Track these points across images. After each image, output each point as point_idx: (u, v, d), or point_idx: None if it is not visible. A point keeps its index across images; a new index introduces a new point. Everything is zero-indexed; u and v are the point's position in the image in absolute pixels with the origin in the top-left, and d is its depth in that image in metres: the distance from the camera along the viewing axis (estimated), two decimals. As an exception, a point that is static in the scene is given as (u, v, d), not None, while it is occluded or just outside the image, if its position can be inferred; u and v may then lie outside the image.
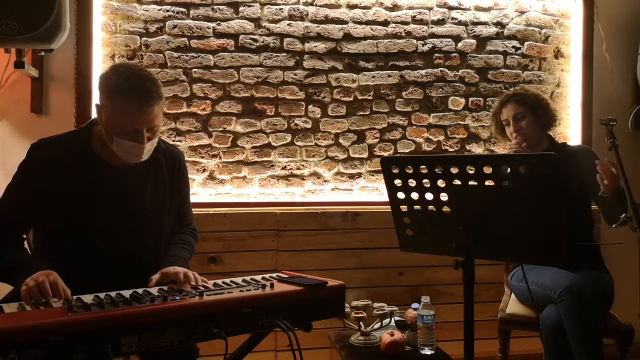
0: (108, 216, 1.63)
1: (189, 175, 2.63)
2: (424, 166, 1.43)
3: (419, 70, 2.84)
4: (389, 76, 2.82)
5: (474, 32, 2.88)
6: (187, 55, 2.64)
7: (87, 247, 1.61)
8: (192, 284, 1.49)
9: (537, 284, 2.07)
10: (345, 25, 2.77)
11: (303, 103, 2.75)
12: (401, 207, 1.53)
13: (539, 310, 2.07)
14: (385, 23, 2.81)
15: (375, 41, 2.80)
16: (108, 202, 1.63)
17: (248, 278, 1.57)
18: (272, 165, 2.73)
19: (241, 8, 2.69)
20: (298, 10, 2.73)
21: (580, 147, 2.40)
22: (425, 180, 1.44)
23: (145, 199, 1.69)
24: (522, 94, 2.32)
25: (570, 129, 2.99)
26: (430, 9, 2.85)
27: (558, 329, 1.94)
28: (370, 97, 2.81)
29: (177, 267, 1.58)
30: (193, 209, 2.52)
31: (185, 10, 2.64)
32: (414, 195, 1.48)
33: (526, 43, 2.93)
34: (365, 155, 2.81)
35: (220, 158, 2.69)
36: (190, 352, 1.54)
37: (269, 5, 2.71)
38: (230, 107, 2.69)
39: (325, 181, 2.78)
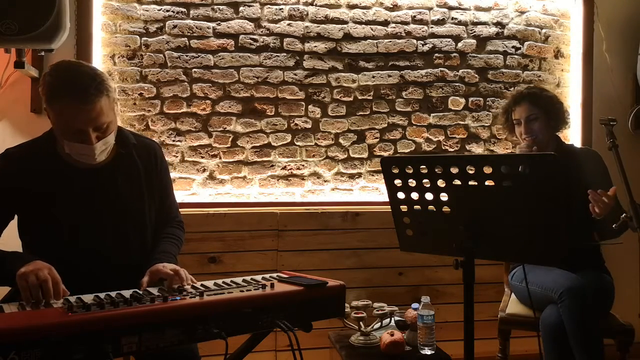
0: (83, 216, 1.60)
1: (189, 175, 2.65)
2: (424, 166, 1.43)
3: (419, 70, 2.84)
4: (389, 76, 2.82)
5: (474, 32, 2.89)
6: (187, 55, 2.64)
7: (68, 249, 1.58)
8: (182, 283, 1.46)
9: (537, 284, 2.07)
10: (345, 25, 2.77)
11: (303, 103, 2.75)
12: (401, 207, 1.53)
13: (539, 310, 2.07)
14: (385, 23, 2.81)
15: (375, 41, 2.80)
16: (79, 202, 1.60)
17: (248, 278, 1.56)
18: (272, 165, 2.73)
19: (241, 8, 2.69)
20: (298, 10, 2.73)
21: (587, 149, 2.36)
22: (425, 180, 1.44)
23: (119, 195, 1.64)
24: (537, 94, 2.25)
25: (570, 129, 2.98)
26: (430, 9, 2.85)
27: (558, 329, 1.94)
28: (370, 97, 2.81)
29: (165, 264, 1.54)
30: (193, 209, 2.54)
31: (185, 10, 2.64)
32: (414, 195, 1.48)
33: (526, 43, 2.93)
34: (365, 155, 2.81)
35: (220, 158, 2.69)
36: (190, 354, 1.53)
37: (269, 5, 2.71)
38: (230, 107, 2.69)
39: (325, 181, 2.78)
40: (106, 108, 1.51)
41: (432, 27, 2.85)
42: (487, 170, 1.33)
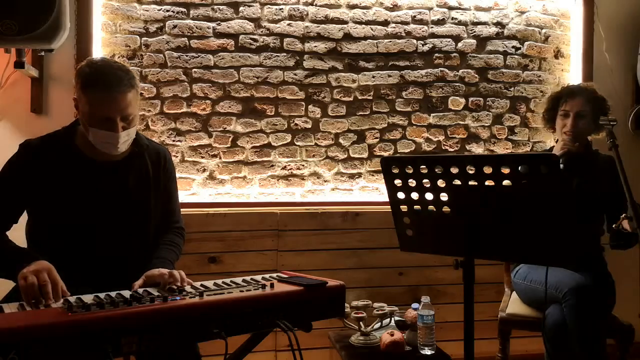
0: (92, 211, 1.64)
1: (189, 175, 2.65)
2: (424, 166, 1.43)
3: (419, 70, 2.83)
4: (389, 76, 2.82)
5: (474, 32, 2.88)
6: (187, 55, 2.64)
7: (72, 243, 1.62)
8: (178, 285, 1.47)
9: (541, 283, 2.07)
10: (345, 25, 2.77)
11: (303, 103, 2.75)
12: (401, 207, 1.53)
13: (541, 310, 2.07)
14: (385, 23, 2.81)
15: (375, 41, 2.80)
16: (91, 197, 1.64)
17: (248, 278, 1.57)
18: (272, 165, 2.73)
19: (241, 8, 2.69)
20: (298, 10, 2.73)
21: (610, 157, 2.37)
22: (425, 180, 1.44)
23: (129, 194, 1.69)
24: (594, 93, 2.25)
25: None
26: (430, 9, 2.85)
27: (561, 328, 1.94)
28: (370, 97, 2.81)
29: (161, 269, 1.55)
30: (193, 209, 2.54)
31: (185, 10, 2.64)
32: (414, 195, 1.48)
33: (526, 43, 2.93)
34: (365, 155, 2.81)
35: (220, 158, 2.69)
36: (190, 354, 1.53)
37: (269, 5, 2.71)
38: (230, 107, 2.69)
39: (325, 181, 2.78)
40: (134, 101, 1.61)
41: (432, 27, 2.85)
42: (487, 170, 1.33)
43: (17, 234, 1.67)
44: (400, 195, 1.51)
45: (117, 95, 1.54)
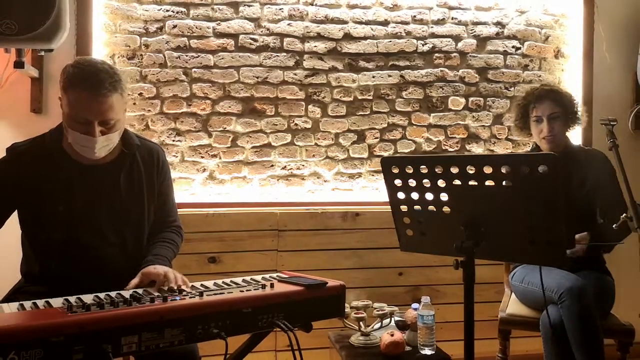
0: (84, 214, 1.62)
1: (189, 175, 2.65)
2: (424, 166, 1.43)
3: (419, 70, 2.83)
4: (389, 76, 2.82)
5: (474, 32, 2.88)
6: (187, 55, 2.64)
7: (65, 247, 1.60)
8: (172, 285, 1.46)
9: (537, 284, 2.06)
10: (345, 25, 2.77)
11: (303, 103, 2.75)
12: (401, 207, 1.53)
13: (539, 310, 2.07)
14: (385, 23, 2.81)
15: (376, 41, 2.80)
16: (80, 199, 1.62)
17: (248, 278, 1.57)
18: (272, 165, 2.73)
19: (241, 8, 2.69)
20: (298, 10, 2.73)
21: (594, 150, 2.35)
22: (425, 180, 1.44)
23: (120, 194, 1.67)
24: (559, 93, 2.25)
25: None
26: (430, 8, 2.85)
27: (558, 329, 1.94)
28: (370, 97, 2.80)
29: (157, 266, 1.54)
30: (193, 209, 2.54)
31: (185, 10, 2.64)
32: (414, 195, 1.48)
33: (526, 43, 2.93)
34: (365, 155, 2.81)
35: (220, 158, 2.69)
36: (190, 354, 1.53)
37: (269, 5, 2.71)
38: (230, 107, 2.69)
39: (325, 181, 2.78)
40: (117, 106, 1.55)
41: (432, 27, 2.85)
42: (488, 170, 1.33)
43: (13, 238, 1.67)
44: (400, 195, 1.51)
45: (96, 98, 1.50)
